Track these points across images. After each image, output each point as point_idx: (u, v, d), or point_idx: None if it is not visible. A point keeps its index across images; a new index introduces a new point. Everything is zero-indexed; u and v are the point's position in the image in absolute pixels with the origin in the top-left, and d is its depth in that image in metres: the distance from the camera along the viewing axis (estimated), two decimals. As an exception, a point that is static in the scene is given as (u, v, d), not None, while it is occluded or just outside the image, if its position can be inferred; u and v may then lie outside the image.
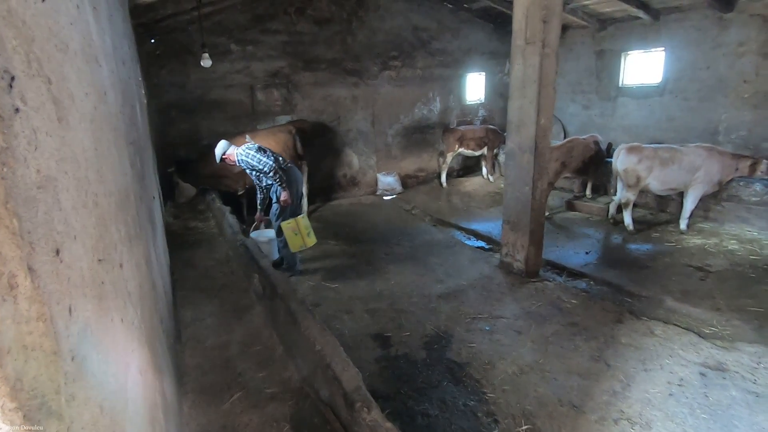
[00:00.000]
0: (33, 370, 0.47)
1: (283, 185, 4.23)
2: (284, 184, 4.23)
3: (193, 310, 3.43)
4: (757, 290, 3.97)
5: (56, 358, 0.51)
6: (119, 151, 1.31)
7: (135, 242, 1.34)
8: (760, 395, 2.64)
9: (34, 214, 0.50)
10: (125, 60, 2.24)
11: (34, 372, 0.47)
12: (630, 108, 7.90)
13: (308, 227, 4.33)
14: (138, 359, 0.96)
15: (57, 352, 0.51)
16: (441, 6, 8.15)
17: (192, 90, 6.34)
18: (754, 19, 6.12)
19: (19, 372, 0.44)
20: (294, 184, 4.37)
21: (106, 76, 1.31)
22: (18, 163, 0.48)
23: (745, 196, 5.49)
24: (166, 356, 1.78)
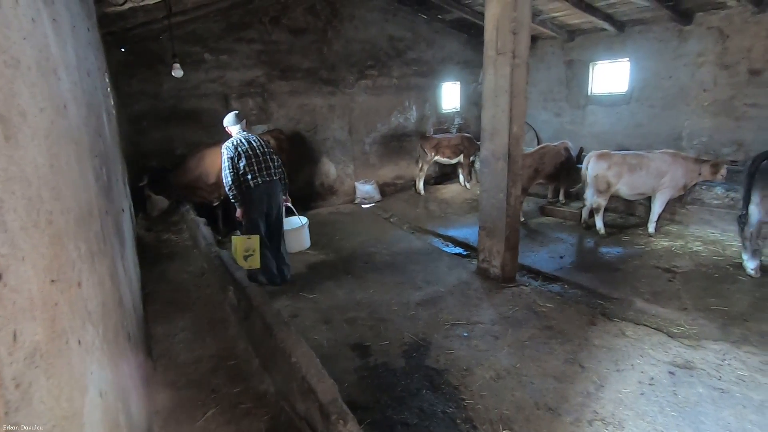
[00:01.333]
0: (-32, 402, 0.45)
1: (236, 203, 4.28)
2: (237, 202, 4.26)
3: (166, 325, 3.34)
4: (721, 289, 4.14)
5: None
6: (81, 165, 1.28)
7: (98, 259, 1.30)
8: (725, 391, 2.74)
9: (-28, 239, 0.48)
10: (90, 71, 2.19)
11: (-33, 403, 0.45)
12: (599, 116, 8.18)
13: (250, 250, 4.21)
14: (98, 381, 0.93)
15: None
16: (415, 17, 8.28)
17: (165, 99, 6.22)
18: (711, 32, 6.45)
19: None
20: (256, 204, 4.26)
21: (67, 89, 1.28)
22: (-45, 186, 0.46)
23: (708, 199, 5.74)
24: (134, 375, 1.72)
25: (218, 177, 5.63)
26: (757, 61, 6.05)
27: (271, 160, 4.31)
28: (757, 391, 2.73)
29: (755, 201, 4.21)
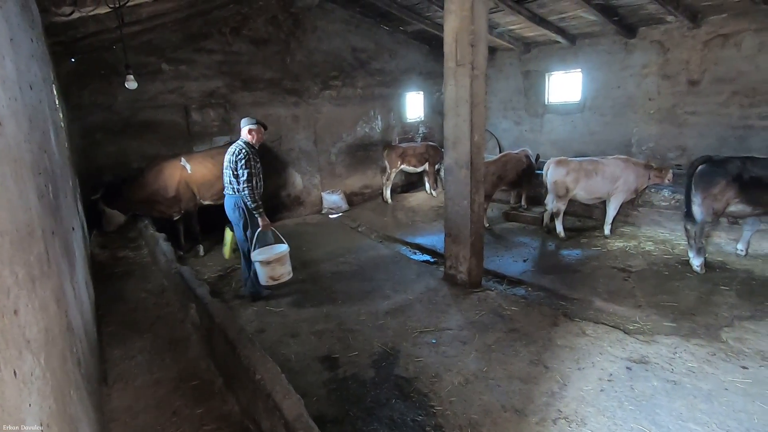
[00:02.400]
0: None
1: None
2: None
3: (122, 348, 3.18)
4: (671, 286, 4.38)
5: None
6: (20, 185, 1.21)
7: (41, 282, 1.23)
8: (677, 383, 2.90)
9: None
10: (33, 84, 2.08)
11: None
12: (556, 123, 8.55)
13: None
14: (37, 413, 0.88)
15: None
16: (378, 28, 8.40)
17: (119, 111, 5.99)
18: (653, 45, 6.91)
19: None
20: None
21: (5, 105, 1.22)
22: None
23: (657, 201, 6.10)
24: (85, 402, 1.63)
25: (177, 191, 5.46)
26: (695, 72, 6.52)
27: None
28: (705, 381, 2.90)
29: (697, 202, 4.50)
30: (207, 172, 5.71)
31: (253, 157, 4.06)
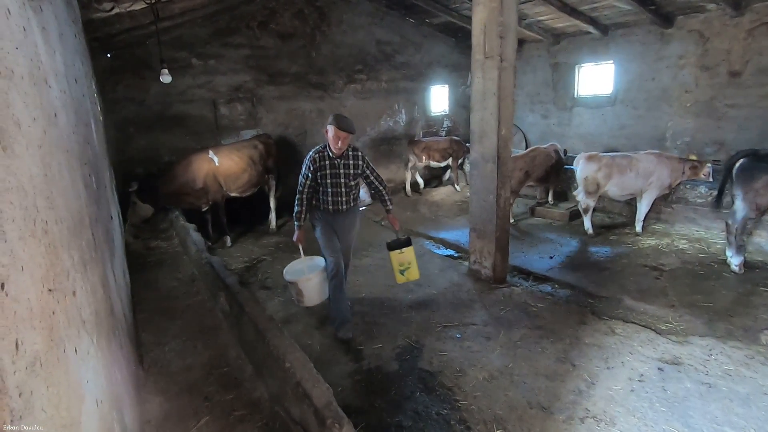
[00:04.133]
0: (-27, 411, 0.45)
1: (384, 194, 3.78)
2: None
3: (156, 334, 3.30)
4: (706, 286, 4.23)
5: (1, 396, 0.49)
6: (72, 174, 1.27)
7: (90, 267, 1.29)
8: (712, 385, 2.80)
9: (-25, 250, 0.48)
10: (78, 78, 2.17)
11: (-26, 412, 0.45)
12: (585, 117, 8.32)
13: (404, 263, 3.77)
14: (93, 390, 0.93)
15: (2, 389, 0.50)
16: (403, 21, 8.34)
17: (151, 105, 6.17)
18: (691, 35, 6.62)
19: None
20: None
21: (57, 97, 1.28)
22: (-42, 198, 0.47)
23: (692, 198, 5.87)
24: (127, 384, 1.71)
25: (205, 182, 5.60)
26: (736, 62, 6.22)
27: None
28: (742, 384, 2.80)
29: (739, 197, 4.31)
30: (233, 164, 5.83)
31: (316, 160, 3.46)
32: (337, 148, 3.38)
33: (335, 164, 3.47)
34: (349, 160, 3.52)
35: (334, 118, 3.35)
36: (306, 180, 3.52)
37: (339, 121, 3.32)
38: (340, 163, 3.48)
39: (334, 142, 3.34)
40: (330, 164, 3.45)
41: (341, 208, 3.58)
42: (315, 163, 3.46)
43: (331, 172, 3.47)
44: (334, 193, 3.52)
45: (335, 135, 3.32)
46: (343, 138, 3.32)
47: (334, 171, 3.48)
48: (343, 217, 3.64)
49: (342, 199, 3.55)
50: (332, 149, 3.41)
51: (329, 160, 3.45)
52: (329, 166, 3.46)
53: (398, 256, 3.79)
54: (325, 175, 3.47)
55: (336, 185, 3.51)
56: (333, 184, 3.50)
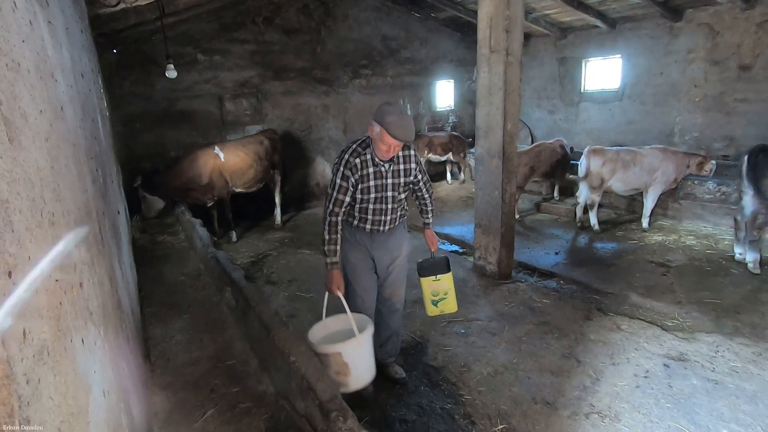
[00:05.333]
0: (-18, 395, 0.46)
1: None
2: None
3: (163, 327, 3.33)
4: (714, 283, 4.19)
5: (9, 382, 0.50)
6: (79, 168, 1.28)
7: (97, 260, 1.30)
8: (719, 382, 2.78)
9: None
10: (84, 73, 2.18)
11: (-17, 397, 0.46)
12: (592, 112, 8.24)
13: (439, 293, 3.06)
14: (100, 381, 0.94)
15: (10, 375, 0.50)
16: (409, 15, 8.30)
17: (157, 101, 6.20)
18: (700, 28, 6.52)
19: (-32, 397, 0.44)
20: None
21: (63, 91, 1.28)
22: (-35, 187, 0.47)
23: (700, 194, 5.80)
24: (133, 376, 1.73)
25: (210, 178, 5.62)
26: (747, 56, 6.13)
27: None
28: (749, 381, 2.78)
29: (750, 193, 4.23)
30: (239, 160, 5.85)
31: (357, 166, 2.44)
32: (386, 156, 2.43)
33: (381, 172, 2.49)
34: (399, 165, 2.55)
35: (384, 117, 2.30)
36: (342, 195, 2.45)
37: (393, 126, 2.27)
38: (388, 171, 2.51)
39: (384, 149, 2.39)
40: (375, 172, 2.47)
41: (382, 229, 2.61)
42: (355, 170, 2.43)
43: (376, 184, 2.49)
44: (376, 210, 2.55)
45: (386, 142, 2.34)
46: (395, 147, 2.37)
47: (380, 182, 2.50)
48: (384, 238, 2.65)
49: (386, 218, 2.59)
50: (379, 157, 2.45)
51: (374, 167, 2.46)
52: (373, 175, 2.47)
53: (432, 284, 3.02)
54: (368, 188, 2.48)
55: (381, 200, 2.53)
56: (377, 199, 2.52)
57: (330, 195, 2.49)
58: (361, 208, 2.56)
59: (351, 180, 2.44)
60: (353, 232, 2.64)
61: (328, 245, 2.51)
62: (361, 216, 2.58)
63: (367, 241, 2.65)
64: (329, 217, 2.49)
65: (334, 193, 2.47)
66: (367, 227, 2.61)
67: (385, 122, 2.27)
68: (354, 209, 2.57)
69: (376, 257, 2.70)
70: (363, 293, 2.72)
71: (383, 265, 2.74)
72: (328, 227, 2.50)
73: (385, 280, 2.82)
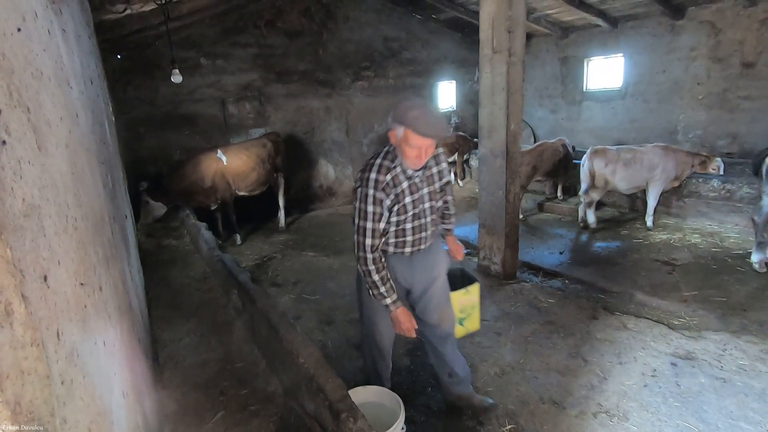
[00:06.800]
0: (29, 394, 0.47)
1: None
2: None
3: (171, 330, 3.35)
4: (720, 280, 4.18)
5: (49, 382, 0.52)
6: (92, 173, 1.30)
7: (111, 263, 1.32)
8: (727, 380, 2.78)
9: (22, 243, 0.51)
10: (93, 79, 2.21)
11: (30, 396, 0.47)
12: (594, 111, 8.24)
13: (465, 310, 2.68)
14: (120, 381, 0.96)
15: (49, 376, 0.52)
16: (410, 17, 8.32)
17: (161, 105, 6.24)
18: (703, 26, 6.52)
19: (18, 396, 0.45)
20: None
21: (77, 98, 1.31)
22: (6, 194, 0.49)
23: (704, 191, 5.79)
24: (146, 378, 1.74)
25: (213, 181, 5.64)
26: (750, 53, 6.12)
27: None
28: (758, 379, 2.77)
29: (766, 192, 4.19)
30: (242, 163, 5.87)
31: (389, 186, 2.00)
32: (419, 162, 1.99)
33: (415, 184, 2.08)
34: (431, 169, 2.15)
35: (406, 115, 1.88)
36: (378, 223, 2.02)
37: (419, 122, 1.85)
38: (422, 180, 2.11)
39: (414, 155, 1.93)
40: (409, 186, 2.06)
41: (423, 247, 2.23)
42: (389, 190, 2.00)
43: (413, 199, 2.08)
44: (415, 229, 2.15)
45: (415, 145, 1.90)
46: (426, 149, 1.94)
47: (417, 195, 2.09)
48: (424, 257, 2.25)
49: (426, 234, 2.20)
50: (410, 166, 2.02)
51: (407, 181, 2.05)
52: (408, 190, 2.06)
53: (460, 299, 2.57)
54: (404, 207, 2.07)
55: (420, 215, 2.14)
56: (415, 216, 2.12)
57: (361, 228, 2.01)
58: (397, 232, 2.13)
59: (386, 203, 2.00)
60: (388, 261, 2.19)
61: (382, 284, 2.06)
62: (398, 241, 2.15)
63: (405, 269, 2.22)
64: (370, 254, 2.02)
65: (368, 225, 1.99)
66: (406, 251, 2.18)
67: (409, 120, 1.85)
68: (388, 236, 2.15)
69: (415, 283, 2.26)
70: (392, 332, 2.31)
71: (421, 288, 2.29)
72: (374, 265, 2.03)
73: (428, 304, 2.31)
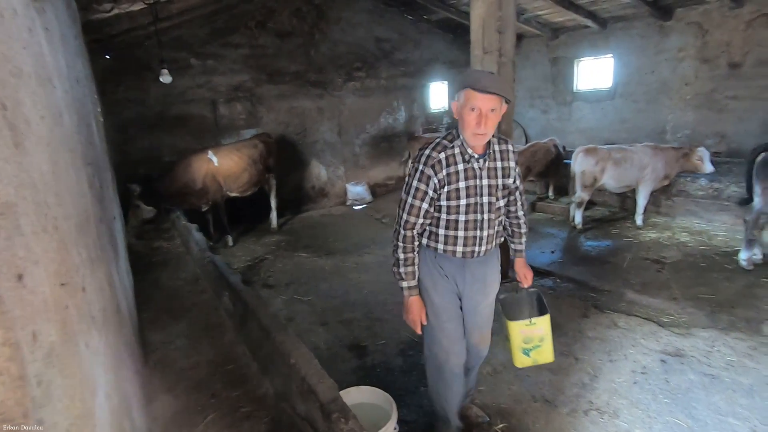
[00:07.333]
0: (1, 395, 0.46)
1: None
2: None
3: (161, 333, 3.32)
4: (709, 278, 4.23)
5: (23, 383, 0.51)
6: (77, 173, 1.28)
7: (97, 265, 1.30)
8: (715, 377, 2.82)
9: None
10: (79, 79, 2.18)
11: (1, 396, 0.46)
12: (585, 111, 8.31)
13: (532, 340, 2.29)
14: (104, 384, 0.94)
15: (23, 377, 0.51)
16: (402, 18, 8.33)
17: (151, 106, 6.18)
18: (690, 27, 6.61)
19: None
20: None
21: (61, 98, 1.29)
22: (-23, 192, 0.48)
23: (693, 190, 5.87)
24: (133, 381, 1.72)
25: (204, 183, 5.60)
26: (736, 54, 6.21)
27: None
28: (746, 375, 2.81)
29: (758, 192, 4.24)
30: (233, 164, 5.84)
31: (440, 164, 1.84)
32: (480, 135, 1.78)
33: (474, 170, 1.87)
34: (496, 162, 1.94)
35: (465, 79, 1.77)
36: (419, 201, 1.87)
37: (476, 78, 1.73)
38: (482, 169, 1.89)
39: (473, 121, 1.75)
40: (466, 170, 1.85)
41: (478, 251, 1.97)
42: (440, 168, 1.83)
43: (468, 186, 1.86)
44: (469, 224, 1.91)
45: (475, 106, 1.73)
46: (487, 114, 1.73)
47: (472, 183, 1.87)
48: (479, 267, 2.03)
49: (483, 234, 1.94)
50: (469, 139, 1.82)
51: (464, 163, 1.85)
52: (464, 174, 1.85)
53: (525, 330, 2.25)
54: (456, 191, 1.85)
55: (474, 208, 1.90)
56: (469, 207, 1.89)
57: (403, 201, 1.90)
58: (448, 223, 1.90)
59: (433, 181, 1.83)
60: (437, 262, 1.98)
61: (404, 266, 1.93)
62: (448, 235, 1.92)
63: (457, 274, 1.99)
64: (402, 230, 1.90)
65: (408, 199, 1.88)
66: (458, 250, 1.94)
67: (468, 79, 1.75)
68: (438, 227, 1.94)
69: (466, 295, 2.05)
70: (450, 346, 2.07)
71: (472, 304, 2.09)
72: (403, 243, 1.91)
73: (473, 322, 2.15)
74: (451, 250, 1.94)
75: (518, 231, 2.25)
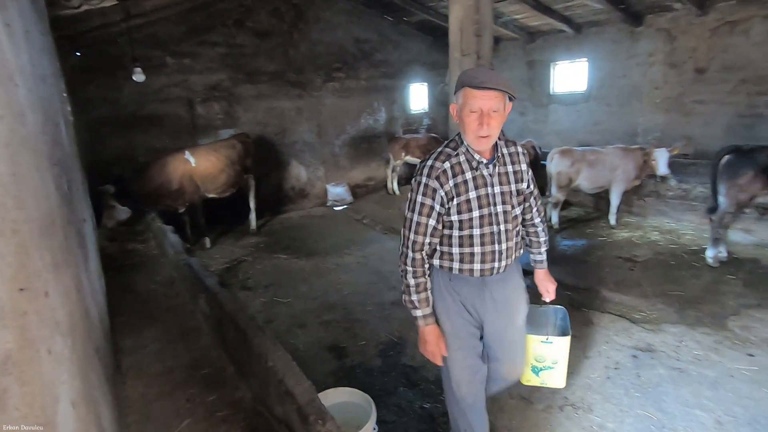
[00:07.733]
0: (-54, 405, 0.44)
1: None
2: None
3: (134, 337, 3.23)
4: (678, 275, 4.39)
5: (-27, 392, 0.49)
6: (41, 174, 1.24)
7: (63, 269, 1.26)
8: (683, 370, 2.92)
9: (-58, 246, 0.47)
10: (46, 77, 2.11)
11: (-52, 407, 0.44)
12: (560, 114, 8.50)
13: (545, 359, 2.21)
14: (69, 392, 0.91)
15: (-27, 386, 0.49)
16: (381, 19, 8.35)
17: (125, 105, 6.02)
18: (659, 33, 6.84)
19: (-69, 408, 0.42)
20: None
21: (24, 96, 1.24)
22: None
23: (663, 191, 6.08)
24: (104, 387, 1.67)
25: (181, 183, 5.49)
26: (702, 60, 6.46)
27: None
28: (711, 369, 2.93)
29: (722, 193, 4.40)
30: (210, 165, 5.74)
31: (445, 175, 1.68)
32: (484, 138, 1.64)
33: (484, 177, 1.71)
34: (506, 166, 1.79)
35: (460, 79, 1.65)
36: (426, 218, 1.69)
37: (472, 76, 1.62)
38: (492, 175, 1.73)
39: (474, 123, 1.62)
40: (475, 179, 1.70)
41: (498, 267, 1.77)
42: (446, 179, 1.67)
43: (479, 195, 1.70)
44: (485, 238, 1.72)
45: (475, 106, 1.61)
46: (488, 113, 1.61)
47: (484, 192, 1.71)
48: (500, 286, 1.84)
49: (501, 248, 1.75)
50: (473, 144, 1.67)
51: (471, 171, 1.70)
52: (473, 183, 1.69)
53: (539, 346, 2.17)
54: (467, 202, 1.68)
55: (489, 220, 1.72)
56: (483, 220, 1.71)
57: (407, 220, 1.72)
58: (462, 240, 1.71)
59: (440, 194, 1.66)
60: (452, 286, 1.79)
61: (416, 293, 1.73)
62: (464, 253, 1.73)
63: (476, 297, 1.80)
64: (411, 252, 1.71)
65: (413, 216, 1.69)
66: (476, 268, 1.74)
67: (465, 78, 1.62)
68: (452, 245, 1.74)
69: (488, 320, 1.85)
70: (461, 376, 1.88)
71: (497, 329, 1.88)
72: (412, 267, 1.71)
73: (500, 351, 1.93)
74: (468, 269, 1.74)
75: (536, 240, 2.05)
